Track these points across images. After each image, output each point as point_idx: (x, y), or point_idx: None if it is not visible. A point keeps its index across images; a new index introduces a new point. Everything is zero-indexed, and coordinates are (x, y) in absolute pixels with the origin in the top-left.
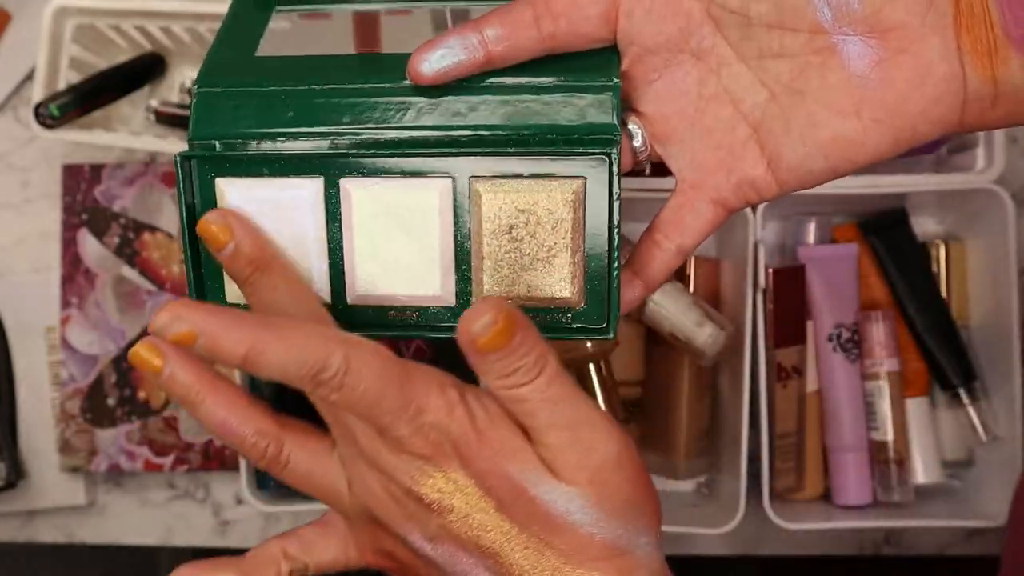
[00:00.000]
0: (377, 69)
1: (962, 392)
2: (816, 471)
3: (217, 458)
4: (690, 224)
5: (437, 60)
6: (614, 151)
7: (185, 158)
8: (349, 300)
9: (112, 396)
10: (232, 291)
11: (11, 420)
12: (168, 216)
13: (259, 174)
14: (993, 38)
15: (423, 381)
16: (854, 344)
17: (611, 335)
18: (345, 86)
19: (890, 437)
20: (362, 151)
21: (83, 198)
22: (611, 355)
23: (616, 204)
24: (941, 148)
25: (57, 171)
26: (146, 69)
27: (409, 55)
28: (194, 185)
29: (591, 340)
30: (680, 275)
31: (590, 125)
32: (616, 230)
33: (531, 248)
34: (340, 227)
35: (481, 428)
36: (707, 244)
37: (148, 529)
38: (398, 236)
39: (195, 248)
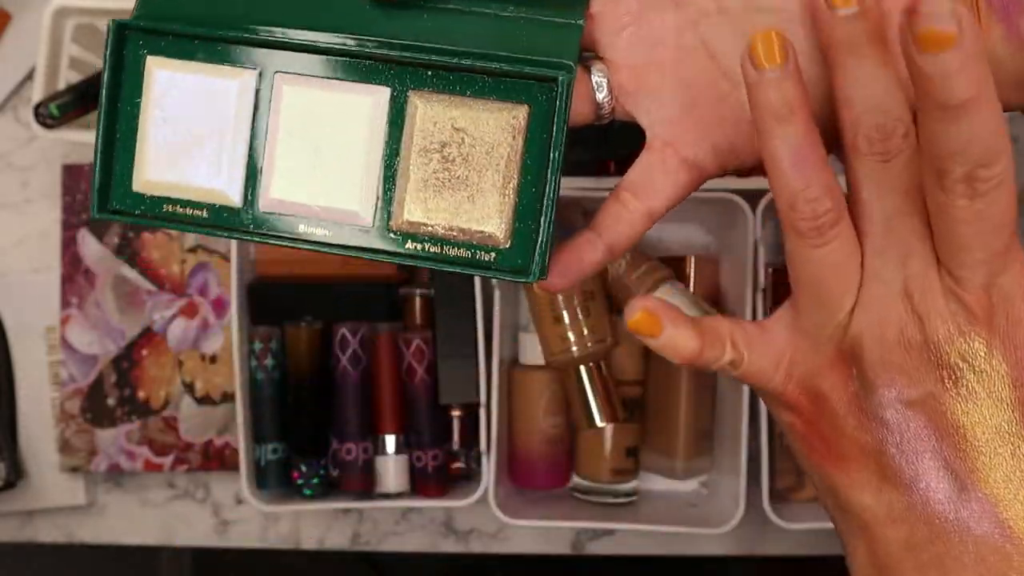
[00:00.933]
0: None
1: None
2: None
3: (217, 458)
4: (661, 186)
5: None
6: (563, 76)
7: (121, 26)
8: (260, 204)
9: (112, 396)
10: (139, 180)
11: (11, 420)
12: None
13: (192, 57)
14: (978, 7)
15: (1018, 239)
16: None
17: (531, 279)
18: None
19: None
20: (303, 45)
21: (83, 198)
22: (611, 355)
23: (559, 138)
24: None
25: (57, 171)
26: None
27: None
28: (124, 59)
29: (511, 281)
30: (680, 274)
31: (546, 59)
32: (555, 166)
33: (462, 171)
34: (266, 125)
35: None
36: (707, 244)
37: (148, 529)
38: (324, 142)
39: (110, 126)
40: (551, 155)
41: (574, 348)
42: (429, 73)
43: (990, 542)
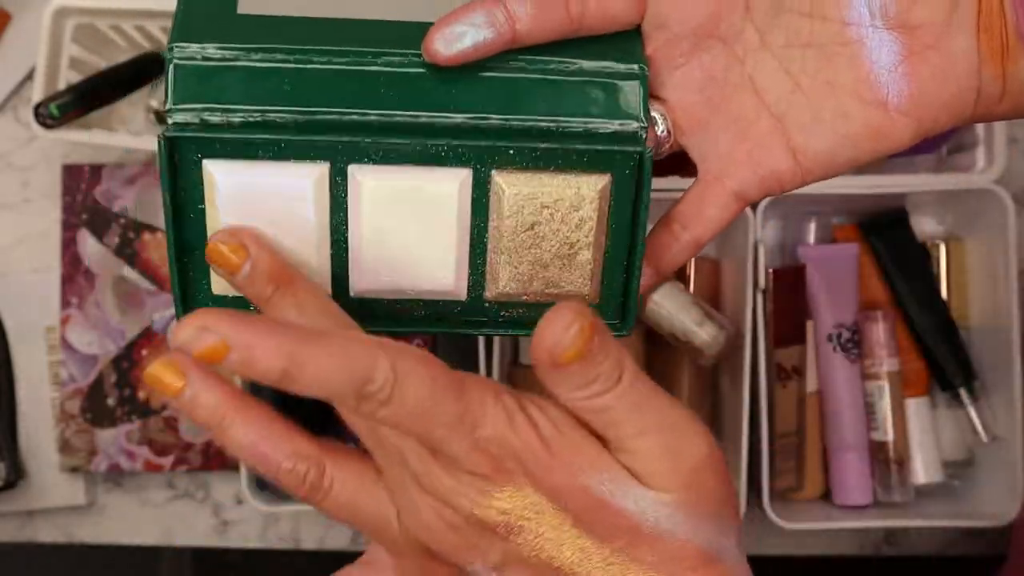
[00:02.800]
0: (385, 38)
1: (962, 392)
2: (816, 471)
3: (217, 458)
4: (710, 216)
5: (457, 39)
6: (645, 150)
7: (169, 138)
8: (352, 294)
9: (112, 396)
10: (219, 283)
11: (11, 420)
12: None
13: (253, 157)
14: (1007, 38)
15: (477, 390)
16: (854, 344)
17: (626, 333)
18: (347, 60)
19: (890, 437)
20: (376, 136)
21: (83, 198)
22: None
23: (644, 203)
24: (941, 148)
25: (57, 171)
26: (146, 69)
27: (424, 24)
28: (178, 167)
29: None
30: (680, 275)
31: (619, 113)
32: (642, 230)
33: (553, 245)
34: (345, 217)
35: (547, 438)
36: (707, 244)
37: (148, 529)
38: (410, 227)
39: (179, 236)
40: (637, 216)
41: None
42: (511, 151)
43: None
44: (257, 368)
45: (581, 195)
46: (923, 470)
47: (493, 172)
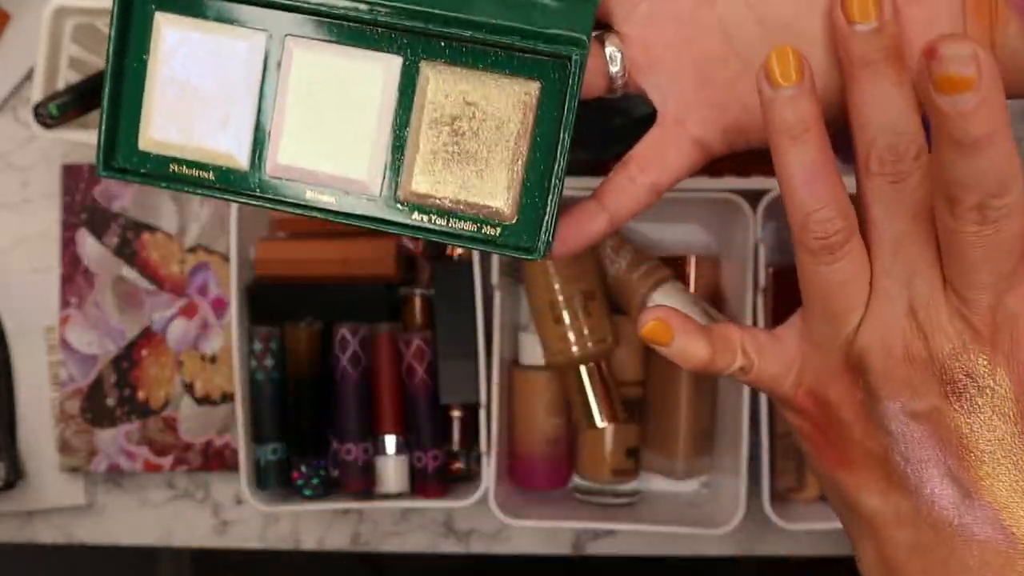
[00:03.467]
0: None
1: None
2: None
3: (217, 458)
4: (670, 161)
5: None
6: (576, 54)
7: None
8: (268, 168)
9: (112, 396)
10: (145, 138)
11: (11, 420)
12: (168, 216)
13: (202, 15)
14: (995, 2)
15: None
16: None
17: (537, 256)
18: None
19: None
20: (316, 6)
21: (82, 198)
22: (611, 355)
23: (570, 116)
24: None
25: (56, 171)
26: None
27: None
28: (131, 15)
29: (516, 258)
30: (680, 275)
31: (559, 34)
32: (564, 144)
33: (471, 146)
34: (275, 88)
35: None
36: (707, 244)
37: (148, 529)
38: (333, 109)
39: (117, 85)
40: (561, 134)
41: (574, 348)
42: (442, 44)
43: (993, 546)
44: (970, 124)
45: (507, 98)
46: None
47: (422, 63)
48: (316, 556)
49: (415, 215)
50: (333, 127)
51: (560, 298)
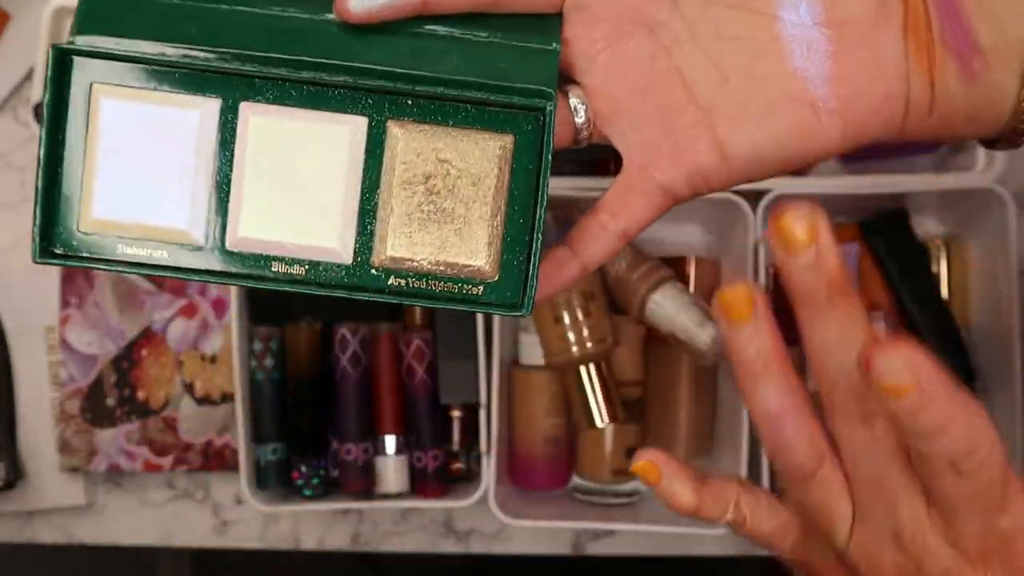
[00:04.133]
0: None
1: None
2: None
3: (217, 458)
4: (636, 208)
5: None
6: (549, 105)
7: (63, 52)
8: (228, 243)
9: (112, 396)
10: (86, 219)
11: (10, 420)
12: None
13: (145, 86)
14: (934, 44)
15: (1019, 480)
16: None
17: (525, 313)
18: (257, 9)
19: None
20: (271, 72)
21: None
22: (611, 355)
23: (546, 168)
24: (942, 147)
25: None
26: None
27: None
28: (66, 88)
29: (501, 315)
30: (680, 275)
31: (528, 87)
32: (542, 197)
33: (448, 204)
34: (230, 158)
35: None
36: (707, 244)
37: (148, 529)
38: (296, 176)
39: (52, 163)
40: (539, 184)
41: (574, 348)
42: (409, 102)
43: None
44: (925, 414)
45: (483, 152)
46: None
47: (390, 122)
48: (316, 556)
49: (392, 280)
50: (298, 195)
51: (560, 298)
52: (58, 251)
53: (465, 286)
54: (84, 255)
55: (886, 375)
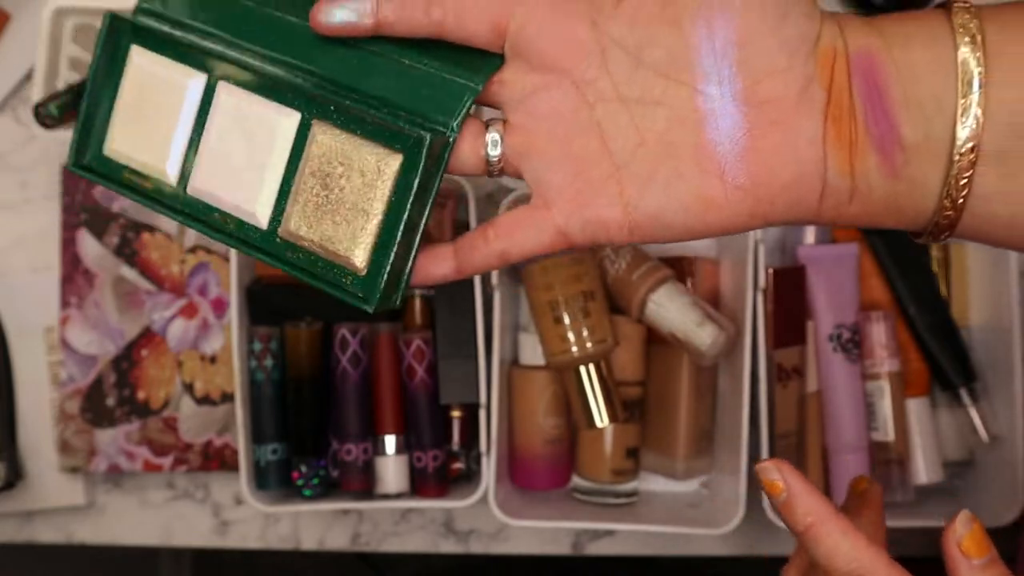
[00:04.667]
0: (303, 3)
1: (962, 392)
2: (816, 471)
3: (217, 458)
4: (522, 239)
5: (334, 15)
6: (428, 138)
7: (116, 18)
8: (188, 188)
9: (111, 396)
10: (109, 146)
11: (10, 420)
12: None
13: (165, 53)
14: (855, 132)
15: None
16: (854, 344)
17: (369, 310)
18: (264, 9)
19: (891, 437)
20: (242, 61)
21: (82, 198)
22: (611, 355)
23: (416, 191)
24: None
25: (56, 171)
26: None
27: None
28: (115, 44)
29: (355, 305)
30: (680, 275)
31: (434, 111)
32: (407, 213)
33: (336, 199)
34: (204, 122)
35: None
36: (708, 244)
37: (147, 529)
38: (243, 148)
39: (95, 99)
40: (408, 206)
41: (574, 348)
42: (332, 108)
43: None
44: (796, 516)
45: (375, 164)
46: (924, 470)
47: (314, 121)
48: (316, 556)
49: (288, 252)
50: (240, 163)
51: (560, 298)
52: (86, 164)
53: (340, 273)
54: (102, 172)
55: (763, 472)
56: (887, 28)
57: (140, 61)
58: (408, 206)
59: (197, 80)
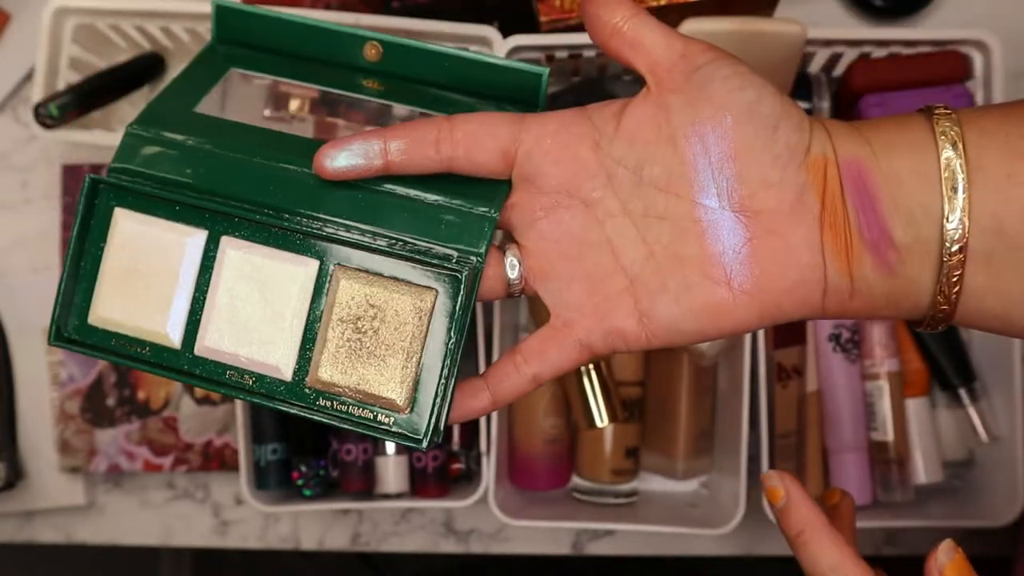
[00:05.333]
0: (294, 151)
1: (962, 392)
2: (816, 471)
3: (217, 458)
4: (552, 359)
5: (340, 159)
6: (468, 273)
7: (95, 181)
8: (196, 349)
9: (112, 396)
10: (94, 314)
11: (10, 420)
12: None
13: (155, 214)
14: (851, 237)
15: None
16: (854, 344)
17: (424, 448)
18: (256, 159)
19: (890, 437)
20: (249, 215)
21: None
22: (611, 355)
23: (458, 324)
24: None
25: (57, 171)
26: (146, 69)
27: (323, 142)
28: (95, 208)
29: (405, 446)
30: None
31: (459, 245)
32: (452, 349)
33: (371, 343)
34: (208, 280)
35: None
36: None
37: (148, 529)
38: (257, 302)
39: (76, 265)
40: (450, 339)
41: None
42: (351, 253)
43: None
44: (784, 521)
45: (406, 303)
46: (923, 470)
47: (335, 268)
48: (316, 556)
49: (320, 400)
50: (255, 317)
51: None
52: (69, 337)
53: (379, 414)
54: (88, 343)
55: (765, 480)
56: (872, 136)
57: (127, 224)
58: (448, 340)
59: (196, 237)
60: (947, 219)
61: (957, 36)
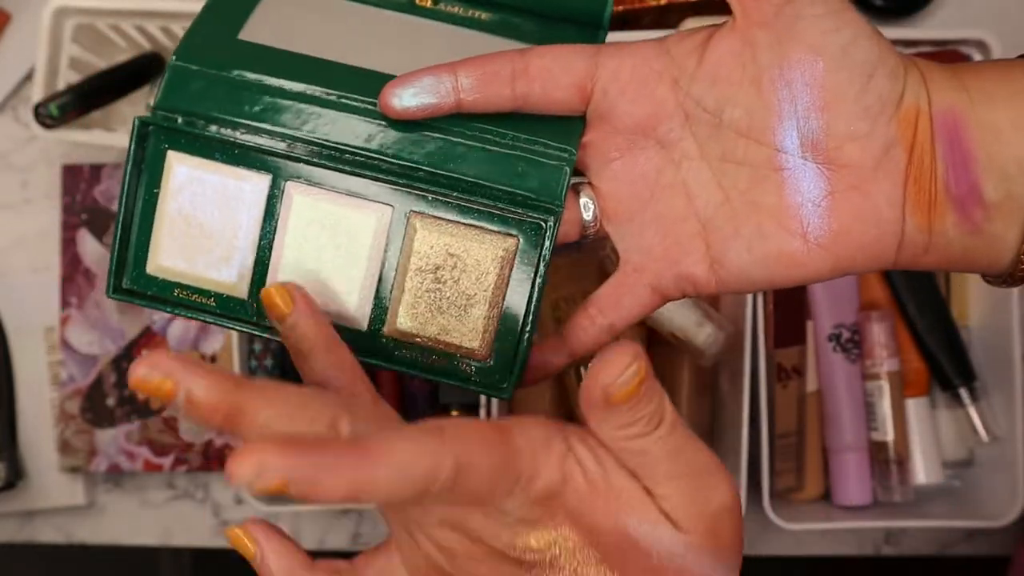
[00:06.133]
0: (354, 84)
1: (962, 392)
2: (816, 471)
3: (217, 458)
4: (626, 305)
5: (408, 97)
6: (551, 220)
7: (144, 123)
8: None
9: (112, 396)
10: (153, 263)
11: (10, 420)
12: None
13: (210, 157)
14: (935, 192)
15: (528, 444)
16: (854, 344)
17: (507, 396)
18: (317, 94)
19: (890, 437)
20: (315, 160)
21: (83, 198)
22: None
23: (542, 272)
24: None
25: (57, 171)
26: (146, 69)
27: (389, 77)
28: (145, 151)
29: (486, 395)
30: None
31: (538, 190)
32: (537, 297)
33: (451, 293)
34: (274, 227)
35: (593, 479)
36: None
37: (147, 529)
38: (327, 250)
39: (129, 213)
40: (534, 287)
41: None
42: (429, 198)
43: None
44: (322, 497)
45: (487, 252)
46: (923, 470)
47: (411, 214)
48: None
49: (398, 351)
50: (326, 266)
51: (560, 298)
52: (126, 287)
53: (460, 363)
54: (148, 294)
55: (249, 486)
56: (971, 82)
57: (181, 168)
58: (531, 287)
59: (258, 182)
60: None
61: (957, 36)
